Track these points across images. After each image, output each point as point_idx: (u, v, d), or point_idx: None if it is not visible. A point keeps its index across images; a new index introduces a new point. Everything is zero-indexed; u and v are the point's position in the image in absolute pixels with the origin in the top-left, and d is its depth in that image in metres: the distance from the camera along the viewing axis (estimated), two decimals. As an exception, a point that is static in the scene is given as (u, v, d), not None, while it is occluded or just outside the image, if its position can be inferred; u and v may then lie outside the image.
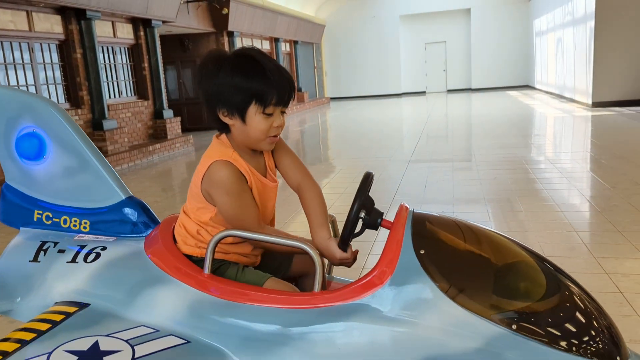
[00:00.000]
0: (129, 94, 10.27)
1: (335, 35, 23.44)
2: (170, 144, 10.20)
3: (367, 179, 1.51)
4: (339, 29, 23.36)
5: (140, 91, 10.50)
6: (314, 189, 1.67)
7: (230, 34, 13.84)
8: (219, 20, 13.20)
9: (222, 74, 1.48)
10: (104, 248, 1.69)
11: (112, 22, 9.53)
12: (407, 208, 1.47)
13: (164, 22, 10.55)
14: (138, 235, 1.76)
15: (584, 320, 1.31)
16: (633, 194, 4.85)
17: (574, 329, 1.28)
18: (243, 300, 1.42)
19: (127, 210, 1.77)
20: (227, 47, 13.78)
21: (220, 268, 1.56)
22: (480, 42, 22.46)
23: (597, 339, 1.27)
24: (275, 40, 17.56)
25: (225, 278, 1.54)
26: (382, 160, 7.74)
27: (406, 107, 18.00)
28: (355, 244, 1.55)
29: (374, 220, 1.49)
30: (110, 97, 9.55)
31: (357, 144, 9.96)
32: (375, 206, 1.51)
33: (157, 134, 10.56)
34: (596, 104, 12.26)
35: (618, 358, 1.24)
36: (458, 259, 1.42)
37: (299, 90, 19.38)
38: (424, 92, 23.74)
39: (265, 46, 17.35)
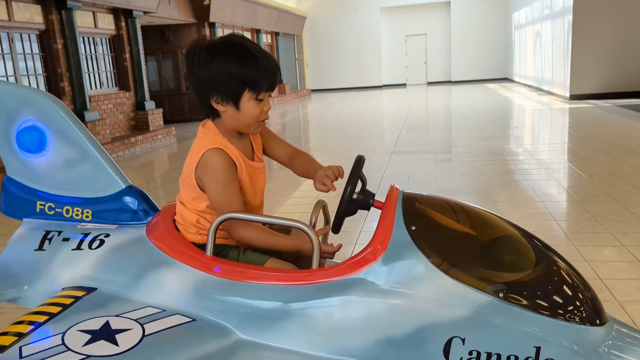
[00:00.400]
0: (111, 85, 10.17)
1: (317, 27, 23.42)
2: (152, 135, 10.13)
3: (360, 161, 1.59)
4: (320, 21, 23.34)
5: (121, 82, 10.40)
6: (306, 153, 1.85)
7: (212, 25, 13.75)
8: (200, 11, 13.11)
9: (215, 62, 1.51)
10: (107, 235, 1.75)
11: (93, 13, 9.41)
12: (397, 188, 1.54)
13: (145, 12, 10.44)
14: (139, 222, 1.83)
15: (566, 289, 1.40)
16: (610, 185, 5.01)
17: (557, 297, 1.37)
18: (245, 279, 1.50)
19: (128, 198, 1.84)
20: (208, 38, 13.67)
21: (222, 252, 1.63)
22: (460, 35, 22.66)
23: (579, 305, 1.37)
24: (257, 32, 17.50)
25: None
26: (364, 152, 7.78)
27: (387, 99, 18.12)
28: (341, 235, 1.67)
29: (366, 200, 1.57)
30: (91, 88, 9.44)
31: (340, 135, 10.03)
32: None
33: (139, 125, 10.48)
34: (574, 97, 12.52)
35: (598, 322, 1.33)
36: (448, 234, 1.51)
37: (280, 82, 19.35)
38: (405, 85, 23.90)
39: (246, 37, 17.25)
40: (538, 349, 1.28)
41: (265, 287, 1.48)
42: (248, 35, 17.34)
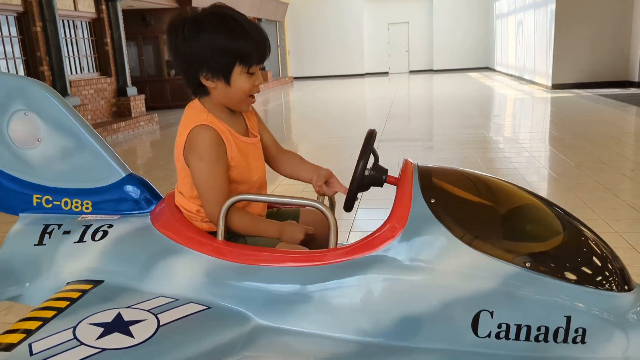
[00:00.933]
0: (91, 70, 9.93)
1: (299, 14, 23.20)
2: (135, 122, 9.94)
3: (371, 136, 1.55)
4: (302, 8, 23.12)
5: (102, 67, 10.16)
6: (294, 153, 1.81)
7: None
8: (183, -4, 12.85)
9: (203, 36, 1.43)
10: (111, 226, 1.68)
11: (73, -5, 9.15)
12: (411, 162, 1.51)
13: (126, -5, 10.21)
14: (142, 211, 1.76)
15: (593, 256, 1.39)
16: (599, 172, 5.07)
17: (584, 264, 1.36)
18: (260, 262, 1.45)
19: (129, 187, 1.77)
20: (190, 24, 13.42)
21: (230, 239, 1.57)
22: (442, 24, 22.70)
23: (607, 272, 1.36)
24: (239, 18, 17.22)
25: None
26: (352, 139, 7.78)
27: (370, 87, 18.09)
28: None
29: (379, 176, 1.53)
30: (71, 73, 9.21)
31: (324, 123, 9.97)
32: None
33: (121, 111, 10.27)
34: (556, 86, 12.66)
35: (626, 287, 1.33)
36: (468, 205, 1.48)
37: (263, 69, 19.11)
38: (387, 73, 23.88)
39: (228, 23, 16.99)
40: (568, 319, 1.26)
41: (282, 269, 1.44)
42: (230, 21, 17.09)
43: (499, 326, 1.27)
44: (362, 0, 22.95)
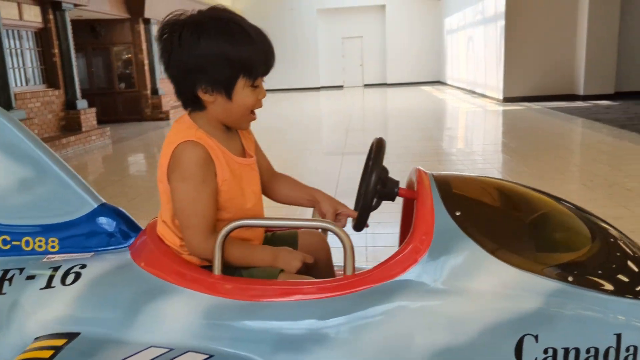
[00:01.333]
0: (38, 82, 9.45)
1: (253, 26, 23.04)
2: (86, 136, 9.51)
3: (381, 145, 1.42)
4: (256, 20, 22.09)
5: (50, 79, 9.69)
6: (289, 176, 1.67)
7: (147, 21, 13.16)
8: (134, 6, 12.50)
9: (204, 43, 1.26)
10: (83, 266, 1.43)
11: (18, 4, 8.69)
12: (425, 172, 1.38)
13: (75, 5, 9.79)
14: (119, 246, 1.53)
15: (633, 263, 1.28)
16: (561, 184, 5.17)
17: (628, 274, 1.26)
18: (266, 298, 1.27)
19: (102, 219, 1.55)
20: (142, 35, 13.10)
21: (225, 271, 1.37)
22: (395, 38, 23.09)
23: None
24: (193, 30, 16.95)
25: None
26: (315, 152, 7.71)
27: (326, 101, 18.13)
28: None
29: (391, 190, 1.39)
30: (16, 85, 8.72)
31: (284, 137, 9.84)
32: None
33: (70, 125, 9.80)
34: (507, 99, 13.02)
35: None
36: (495, 216, 1.36)
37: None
38: (342, 86, 24.03)
39: (181, 35, 16.69)
40: (619, 337, 1.15)
41: (293, 304, 1.26)
42: (183, 33, 16.81)
43: (545, 351, 1.15)
44: (316, 14, 23.08)
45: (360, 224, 1.41)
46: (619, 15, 12.28)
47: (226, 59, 1.27)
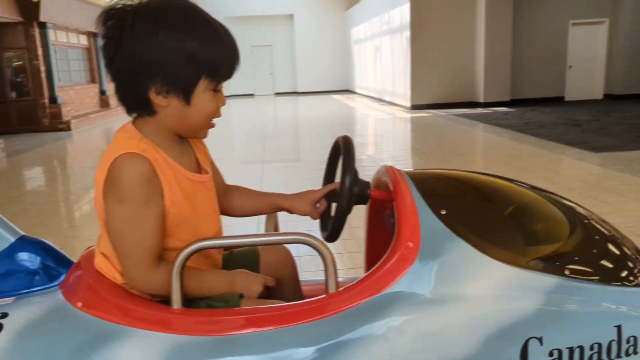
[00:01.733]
0: None
1: (158, 33, 22.28)
2: (-25, 149, 8.66)
3: (351, 143, 1.28)
4: None
5: None
6: (236, 185, 1.51)
7: (42, 25, 12.26)
8: (28, 9, 11.61)
9: (162, 36, 1.07)
10: (4, 315, 1.17)
11: None
12: (398, 170, 1.28)
13: (-41, 6, 8.93)
14: (46, 286, 1.27)
15: (623, 250, 1.25)
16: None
17: (619, 262, 1.22)
18: (236, 330, 1.09)
19: (22, 255, 1.29)
20: (38, 40, 12.20)
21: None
22: (304, 47, 23.32)
23: (637, 265, 1.23)
24: (94, 35, 16.07)
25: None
26: (233, 161, 7.54)
27: (238, 109, 17.89)
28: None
29: (363, 192, 1.27)
30: None
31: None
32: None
33: (-44, 138, 8.89)
34: (415, 107, 13.56)
35: None
36: (479, 211, 1.27)
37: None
38: (253, 95, 23.88)
39: (82, 41, 15.78)
40: (619, 328, 1.11)
41: (269, 334, 1.08)
42: (84, 38, 15.90)
43: (551, 354, 1.08)
44: (225, 22, 22.44)
45: (335, 233, 1.28)
46: (512, 31, 13.24)
47: (189, 56, 1.09)
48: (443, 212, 1.16)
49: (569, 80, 14.40)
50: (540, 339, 1.08)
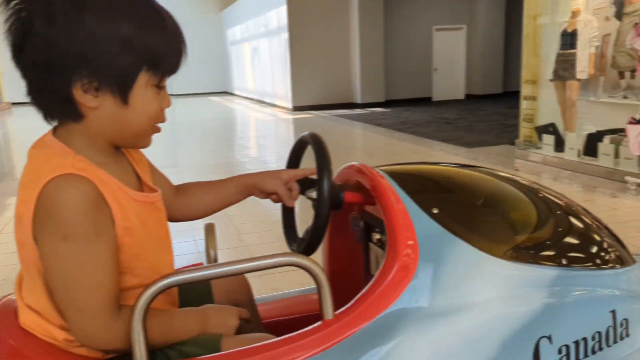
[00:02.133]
0: None
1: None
2: None
3: (322, 141, 1.15)
4: None
5: None
6: (188, 184, 1.27)
7: None
8: None
9: (91, 18, 0.85)
10: None
11: None
12: (373, 168, 1.15)
13: None
14: None
15: (600, 233, 1.25)
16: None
17: (600, 244, 1.22)
18: None
19: None
20: None
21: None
22: (178, 48, 22.60)
23: (618, 246, 1.25)
24: None
25: None
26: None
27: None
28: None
29: (337, 196, 1.14)
30: None
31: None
32: None
33: None
34: (296, 108, 13.75)
35: (634, 257, 1.24)
36: (469, 207, 1.18)
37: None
38: (124, 97, 22.62)
39: None
40: (613, 313, 1.10)
41: None
42: None
43: (560, 351, 1.04)
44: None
45: (314, 245, 1.12)
46: (383, 34, 13.96)
47: (125, 42, 0.87)
48: (435, 212, 1.06)
49: (435, 82, 15.54)
50: (549, 337, 1.03)
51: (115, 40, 0.86)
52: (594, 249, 1.20)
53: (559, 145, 6.03)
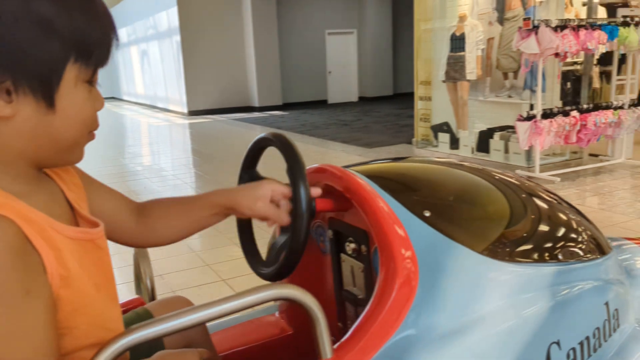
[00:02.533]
0: None
1: None
2: None
3: (291, 142, 0.99)
4: None
5: None
6: (152, 202, 1.02)
7: None
8: None
9: None
10: None
11: None
12: (343, 169, 1.03)
13: None
14: None
15: (581, 223, 1.22)
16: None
17: (583, 234, 1.18)
18: None
19: None
20: None
21: None
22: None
23: (599, 236, 1.22)
24: None
25: None
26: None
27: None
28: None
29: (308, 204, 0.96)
30: None
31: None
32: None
33: None
34: (192, 112, 13.33)
35: (608, 245, 1.22)
36: (459, 207, 1.08)
37: None
38: None
39: None
40: (607, 305, 1.06)
41: None
42: None
43: (568, 355, 0.99)
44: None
45: (291, 266, 0.97)
46: (277, 38, 13.97)
47: (46, 26, 0.67)
48: (427, 214, 0.95)
49: (330, 85, 15.84)
50: (558, 343, 0.97)
51: (31, 23, 0.65)
52: (584, 240, 1.16)
53: (454, 142, 6.38)
